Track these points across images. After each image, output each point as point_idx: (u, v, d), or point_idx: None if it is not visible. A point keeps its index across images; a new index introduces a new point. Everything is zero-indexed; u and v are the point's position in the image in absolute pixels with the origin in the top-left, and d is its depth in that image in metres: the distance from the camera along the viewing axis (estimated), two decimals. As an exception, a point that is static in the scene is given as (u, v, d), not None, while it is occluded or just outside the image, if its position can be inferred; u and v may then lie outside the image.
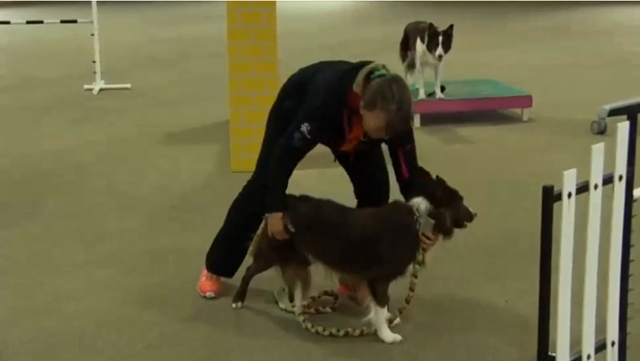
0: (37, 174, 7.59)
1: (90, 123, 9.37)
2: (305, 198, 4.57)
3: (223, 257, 5.06)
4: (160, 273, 5.36)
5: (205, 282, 5.02)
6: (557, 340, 3.49)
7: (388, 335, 4.41)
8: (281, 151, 4.49)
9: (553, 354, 3.52)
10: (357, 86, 4.37)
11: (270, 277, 4.82)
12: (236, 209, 5.01)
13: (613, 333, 3.79)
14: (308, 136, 4.42)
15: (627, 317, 3.83)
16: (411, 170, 4.54)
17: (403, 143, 4.55)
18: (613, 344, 3.80)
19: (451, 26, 8.77)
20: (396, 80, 4.38)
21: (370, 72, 4.39)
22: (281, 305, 4.73)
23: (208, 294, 4.96)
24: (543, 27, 16.08)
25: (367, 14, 19.17)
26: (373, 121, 4.31)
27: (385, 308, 4.41)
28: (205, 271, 5.04)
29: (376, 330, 4.47)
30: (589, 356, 3.67)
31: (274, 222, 4.49)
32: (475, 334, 4.42)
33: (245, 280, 4.77)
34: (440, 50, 8.65)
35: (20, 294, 5.05)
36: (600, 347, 3.74)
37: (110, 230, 6.13)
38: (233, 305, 4.73)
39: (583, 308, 3.58)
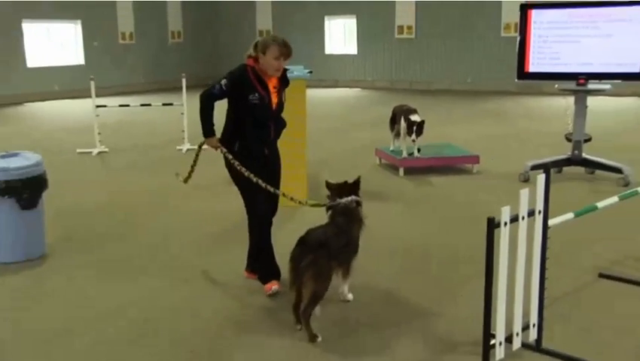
0: (127, 210, 7.52)
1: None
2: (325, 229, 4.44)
3: (269, 267, 4.90)
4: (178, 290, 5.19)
5: (269, 285, 4.83)
6: (497, 323, 3.47)
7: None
8: (205, 98, 4.75)
9: (494, 333, 3.50)
10: (250, 52, 4.72)
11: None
12: (252, 232, 4.92)
13: (534, 318, 3.77)
14: (224, 88, 4.67)
15: (543, 307, 3.81)
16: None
17: (287, 84, 4.95)
18: (534, 325, 3.79)
19: (423, 121, 8.88)
20: (272, 35, 4.92)
21: (255, 43, 4.73)
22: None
23: (274, 289, 4.77)
24: (485, 109, 16.11)
25: (361, 100, 19.23)
26: (272, 55, 4.62)
27: None
28: (264, 285, 4.87)
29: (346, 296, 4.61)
30: (517, 334, 3.65)
31: (211, 142, 4.82)
32: (436, 325, 4.37)
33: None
34: (414, 137, 8.86)
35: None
36: (525, 328, 3.73)
37: (180, 257, 5.93)
38: (297, 327, 4.24)
39: (514, 301, 3.57)
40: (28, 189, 5.63)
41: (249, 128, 4.74)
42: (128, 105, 12.70)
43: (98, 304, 4.80)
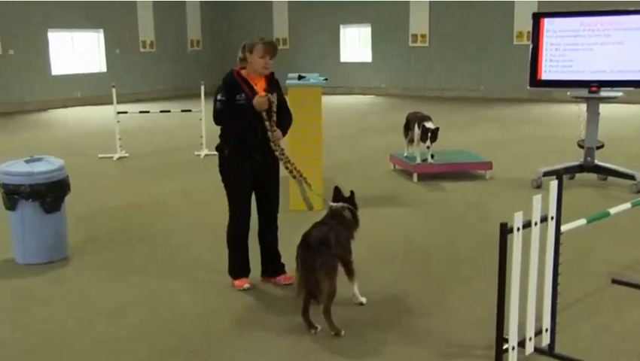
0: (145, 213, 7.58)
1: (195, 177, 9.41)
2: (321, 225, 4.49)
3: (238, 265, 5.02)
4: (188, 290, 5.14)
5: (237, 282, 4.96)
6: (509, 327, 3.44)
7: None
8: (219, 120, 4.77)
9: (507, 337, 3.47)
10: (241, 54, 4.77)
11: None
12: (229, 234, 5.00)
13: (547, 322, 3.73)
14: (223, 98, 4.71)
15: (556, 312, 3.78)
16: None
17: (277, 85, 4.89)
18: (547, 330, 3.75)
19: (437, 128, 8.86)
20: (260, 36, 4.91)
21: (243, 45, 4.78)
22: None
23: (246, 286, 4.91)
24: (498, 116, 16.03)
25: (375, 107, 19.21)
26: (258, 54, 4.71)
27: None
28: (234, 281, 4.99)
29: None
30: (530, 338, 3.62)
31: (259, 102, 4.66)
32: (446, 329, 4.30)
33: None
34: (428, 143, 8.84)
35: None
36: (538, 332, 3.69)
37: (191, 257, 5.92)
38: (312, 331, 4.19)
39: (527, 306, 3.54)
40: (51, 193, 5.66)
41: (238, 131, 4.77)
42: (148, 112, 12.76)
43: (101, 304, 4.82)
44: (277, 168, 5.00)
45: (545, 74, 8.42)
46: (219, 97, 4.74)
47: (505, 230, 3.28)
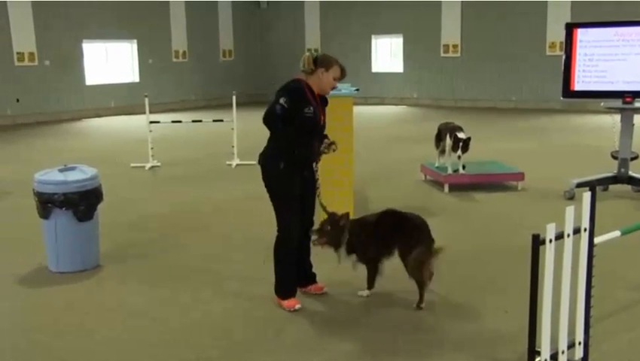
0: (180, 217, 7.68)
1: (227, 187, 9.49)
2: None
3: (288, 283, 4.85)
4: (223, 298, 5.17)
5: (287, 302, 4.78)
6: (541, 339, 3.41)
7: None
8: (272, 122, 4.55)
9: (539, 349, 3.44)
10: (304, 66, 4.66)
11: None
12: (279, 249, 4.83)
13: (580, 336, 3.69)
14: (285, 106, 4.50)
15: (590, 326, 3.73)
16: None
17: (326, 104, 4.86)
18: (580, 343, 3.71)
19: (469, 138, 8.81)
20: (328, 55, 4.81)
21: (314, 57, 4.68)
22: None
23: (297, 307, 4.74)
24: (530, 127, 15.88)
25: (406, 117, 19.16)
26: (334, 74, 4.68)
27: None
28: (283, 302, 4.80)
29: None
30: (563, 352, 3.59)
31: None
32: (479, 340, 4.28)
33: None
34: (459, 153, 8.82)
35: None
36: (571, 345, 3.66)
37: (226, 269, 5.95)
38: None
39: (559, 318, 3.50)
40: (84, 202, 5.74)
41: (298, 144, 4.65)
42: (180, 121, 12.91)
43: (133, 312, 4.88)
44: (315, 182, 4.98)
45: (578, 85, 8.34)
46: (282, 101, 4.50)
47: (537, 241, 3.25)
